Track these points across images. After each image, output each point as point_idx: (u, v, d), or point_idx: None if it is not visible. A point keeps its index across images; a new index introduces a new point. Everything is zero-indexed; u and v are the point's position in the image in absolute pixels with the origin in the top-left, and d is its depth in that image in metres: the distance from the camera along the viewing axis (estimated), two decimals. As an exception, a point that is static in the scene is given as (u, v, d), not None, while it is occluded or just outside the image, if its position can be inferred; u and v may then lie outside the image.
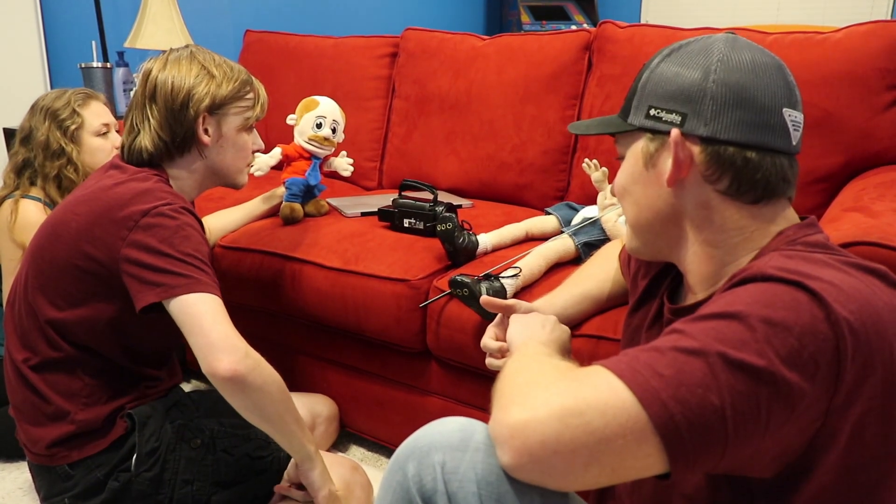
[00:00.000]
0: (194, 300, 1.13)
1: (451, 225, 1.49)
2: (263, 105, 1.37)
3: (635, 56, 1.79)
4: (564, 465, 0.61)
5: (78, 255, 1.19)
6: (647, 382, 0.60)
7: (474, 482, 0.68)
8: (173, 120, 1.27)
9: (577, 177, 1.89)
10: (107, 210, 1.19)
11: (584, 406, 0.61)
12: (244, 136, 1.35)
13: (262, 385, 1.15)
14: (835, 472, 0.65)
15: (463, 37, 2.12)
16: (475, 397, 1.50)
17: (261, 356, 1.17)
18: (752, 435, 0.61)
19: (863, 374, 0.61)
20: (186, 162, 1.31)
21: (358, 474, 1.41)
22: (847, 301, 0.62)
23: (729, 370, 0.60)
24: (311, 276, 1.61)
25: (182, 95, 1.26)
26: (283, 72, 2.40)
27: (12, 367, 1.26)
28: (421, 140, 2.13)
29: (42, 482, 1.29)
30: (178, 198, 1.23)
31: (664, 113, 0.77)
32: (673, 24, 1.85)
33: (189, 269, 1.15)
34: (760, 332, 0.61)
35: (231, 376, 1.11)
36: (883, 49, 1.49)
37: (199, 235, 1.21)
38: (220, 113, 1.30)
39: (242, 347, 1.13)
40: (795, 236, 0.75)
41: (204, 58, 1.31)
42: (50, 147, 1.65)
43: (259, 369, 1.15)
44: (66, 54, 2.50)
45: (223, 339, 1.12)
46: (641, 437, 0.60)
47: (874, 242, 0.98)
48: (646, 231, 0.83)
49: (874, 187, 1.32)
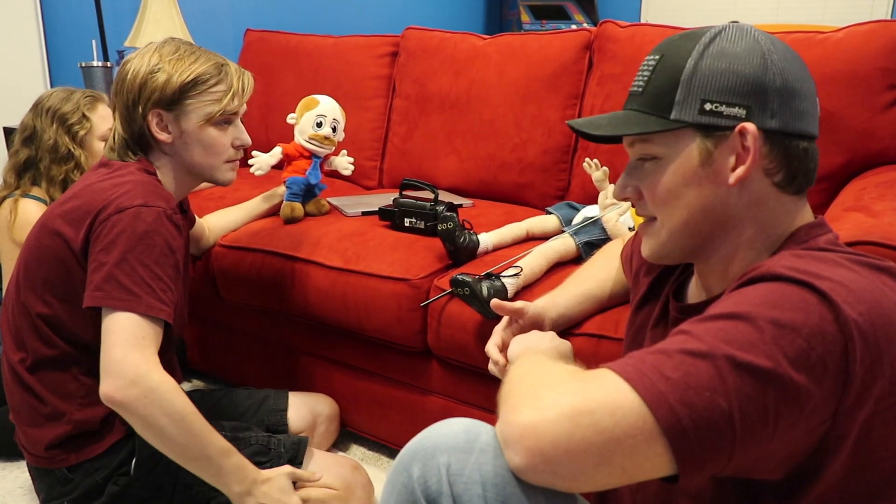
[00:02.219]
0: (119, 318, 1.11)
1: (452, 224, 1.49)
2: (237, 96, 1.28)
3: (636, 55, 1.78)
4: (576, 465, 0.61)
5: (60, 248, 1.19)
6: (654, 386, 0.60)
7: (479, 484, 0.68)
8: (128, 116, 1.25)
9: (577, 176, 1.89)
10: (87, 205, 1.18)
11: (593, 406, 0.61)
12: (211, 131, 1.27)
13: (146, 416, 1.10)
14: (842, 473, 0.65)
15: (463, 36, 2.12)
16: (476, 397, 1.50)
17: (169, 388, 1.12)
18: (760, 437, 0.61)
19: (871, 375, 0.61)
20: (157, 159, 1.29)
21: (359, 474, 1.41)
22: (856, 302, 0.61)
23: (736, 373, 0.59)
24: (312, 275, 1.61)
25: (135, 91, 1.23)
26: (283, 71, 2.40)
27: (9, 368, 1.26)
28: (421, 139, 2.12)
29: (42, 485, 1.29)
30: (158, 197, 1.19)
31: (724, 107, 0.72)
32: (673, 23, 1.85)
33: (137, 284, 1.13)
34: (768, 333, 0.60)
35: (108, 399, 1.10)
36: (883, 49, 1.49)
37: (164, 244, 1.16)
38: (178, 109, 1.25)
39: (130, 376, 1.09)
40: (807, 236, 0.75)
41: (170, 50, 1.25)
42: (58, 151, 1.64)
43: (145, 402, 1.10)
44: (67, 53, 2.50)
45: (115, 363, 1.10)
46: (650, 438, 0.60)
47: (875, 242, 0.98)
48: (691, 235, 0.78)
49: (875, 187, 1.32)
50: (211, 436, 1.17)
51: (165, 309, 1.15)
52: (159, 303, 1.14)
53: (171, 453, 1.15)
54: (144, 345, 1.12)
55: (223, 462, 1.18)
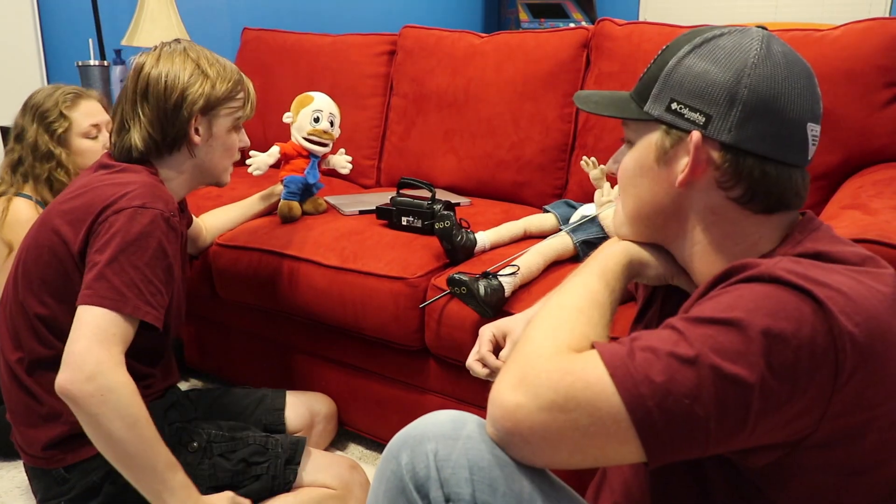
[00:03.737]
0: (94, 311, 1.10)
1: (450, 223, 1.49)
2: (253, 104, 1.37)
3: (633, 53, 1.78)
4: (550, 449, 0.65)
5: (59, 248, 1.19)
6: (636, 388, 0.61)
7: (466, 468, 0.69)
8: (165, 120, 1.26)
9: (575, 174, 1.89)
10: (88, 205, 1.18)
11: (573, 404, 0.63)
12: (233, 136, 1.35)
13: (97, 415, 1.07)
14: (829, 474, 0.65)
15: (461, 34, 2.11)
16: (474, 395, 1.50)
17: (128, 391, 1.10)
18: (736, 438, 0.62)
19: (865, 384, 0.61)
20: (176, 160, 1.31)
21: (356, 473, 1.41)
22: (854, 311, 0.61)
23: (719, 383, 0.60)
24: (309, 274, 1.60)
25: (176, 95, 1.25)
26: (280, 70, 2.40)
27: (7, 368, 1.26)
28: (419, 138, 2.12)
29: (38, 485, 1.29)
30: (157, 199, 1.19)
31: (687, 110, 0.73)
32: (671, 21, 1.85)
33: (126, 285, 1.12)
34: (757, 344, 0.60)
35: (61, 391, 1.08)
36: (881, 46, 1.49)
37: (157, 247, 1.16)
38: (213, 114, 1.30)
39: (89, 371, 1.07)
40: (799, 237, 0.73)
41: (198, 55, 1.29)
42: (39, 149, 1.63)
43: (98, 399, 1.07)
44: (64, 52, 2.50)
45: (76, 354, 1.08)
46: (624, 438, 0.62)
47: (872, 240, 0.98)
48: (644, 224, 0.81)
49: (872, 185, 1.32)
50: (160, 446, 1.14)
51: (152, 312, 1.15)
52: (146, 305, 1.14)
53: (115, 458, 1.11)
54: (112, 342, 1.10)
55: (168, 476, 1.13)
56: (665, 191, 0.76)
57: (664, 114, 0.75)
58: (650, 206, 0.79)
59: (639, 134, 0.78)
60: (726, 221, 0.75)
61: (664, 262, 0.83)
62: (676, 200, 0.76)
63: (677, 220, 0.78)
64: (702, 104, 0.72)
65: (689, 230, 0.78)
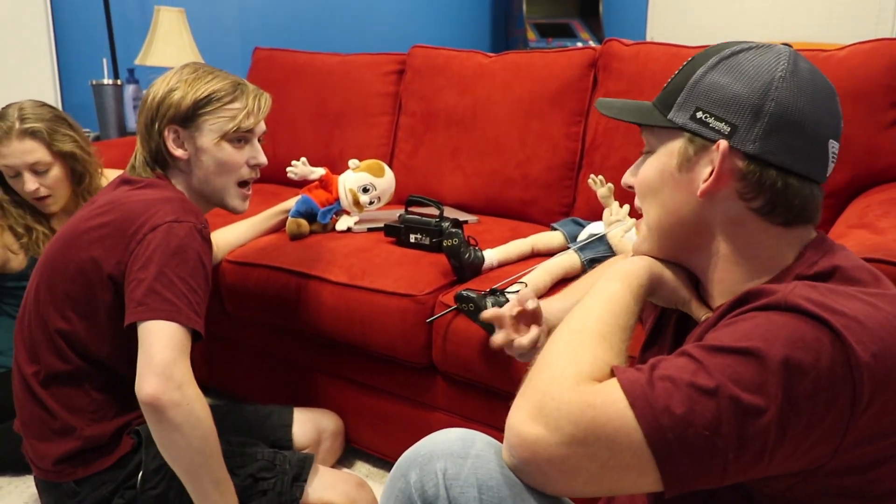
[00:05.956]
0: (162, 325, 1.12)
1: (457, 240, 1.49)
2: (252, 114, 1.31)
3: (640, 73, 1.80)
4: (566, 479, 0.65)
5: (88, 265, 1.20)
6: (656, 420, 0.61)
7: (475, 487, 0.69)
8: (146, 133, 1.30)
9: (582, 192, 1.89)
10: (118, 224, 1.20)
11: (593, 438, 0.62)
12: (226, 148, 1.30)
13: (180, 424, 1.09)
14: (844, 500, 0.66)
15: (469, 54, 2.14)
16: (481, 413, 1.50)
17: (203, 404, 1.13)
18: (754, 468, 0.62)
19: (882, 413, 0.62)
20: (176, 178, 1.33)
21: (364, 491, 1.41)
22: (870, 340, 0.61)
23: (739, 415, 0.60)
24: (318, 291, 1.61)
25: (153, 109, 1.28)
26: (291, 88, 2.42)
27: (21, 381, 1.27)
28: (427, 156, 2.14)
29: (48, 498, 1.29)
30: (188, 212, 1.22)
31: (713, 119, 0.73)
32: (678, 41, 1.87)
33: (177, 296, 1.14)
34: (776, 374, 0.60)
35: (151, 401, 1.08)
36: (887, 66, 1.50)
37: (196, 258, 1.18)
38: (193, 126, 1.29)
39: (178, 380, 1.10)
40: (815, 258, 0.73)
41: (189, 71, 1.30)
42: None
43: (185, 409, 1.10)
44: (78, 71, 2.53)
45: (161, 364, 1.09)
46: (643, 469, 0.62)
47: (880, 259, 0.98)
48: (666, 236, 0.80)
49: (879, 204, 1.32)
50: (222, 461, 1.18)
51: (199, 321, 1.17)
52: (195, 315, 1.16)
53: (183, 469, 1.14)
54: (186, 353, 1.14)
55: (225, 489, 1.19)
56: (686, 199, 0.76)
57: (689, 122, 0.75)
58: (673, 215, 0.78)
59: (661, 141, 0.78)
60: (746, 232, 0.75)
61: (680, 285, 0.82)
62: (697, 211, 0.76)
63: (697, 231, 0.77)
64: (727, 114, 0.72)
65: (708, 241, 0.77)
